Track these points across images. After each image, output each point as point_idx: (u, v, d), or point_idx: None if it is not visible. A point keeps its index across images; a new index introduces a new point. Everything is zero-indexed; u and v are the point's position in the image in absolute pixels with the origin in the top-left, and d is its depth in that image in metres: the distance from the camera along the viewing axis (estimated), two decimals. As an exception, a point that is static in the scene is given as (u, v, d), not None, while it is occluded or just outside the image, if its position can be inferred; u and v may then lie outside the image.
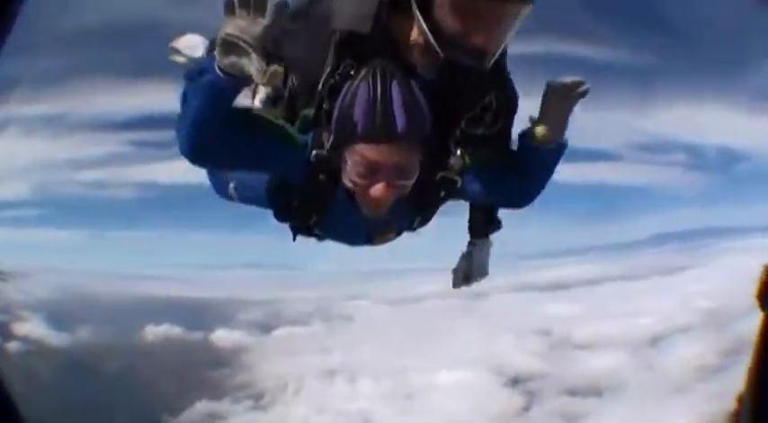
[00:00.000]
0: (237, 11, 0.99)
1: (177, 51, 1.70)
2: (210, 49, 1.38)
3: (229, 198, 1.47)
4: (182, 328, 17.16)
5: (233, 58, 1.01)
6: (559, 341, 16.10)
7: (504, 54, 1.30)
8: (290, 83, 1.32)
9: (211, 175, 1.49)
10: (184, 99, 1.11)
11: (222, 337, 17.68)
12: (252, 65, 1.00)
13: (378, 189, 1.13)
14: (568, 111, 1.24)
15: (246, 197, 1.43)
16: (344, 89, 1.13)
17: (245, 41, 0.99)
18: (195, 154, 1.15)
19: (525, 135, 1.28)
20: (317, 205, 1.28)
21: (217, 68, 1.03)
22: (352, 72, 1.16)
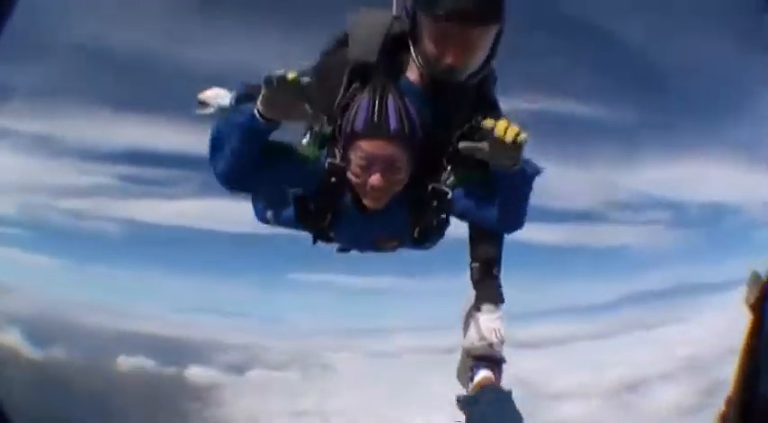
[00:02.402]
0: (277, 85, 1.20)
1: (205, 104, 1.97)
2: (242, 98, 1.70)
3: (267, 222, 1.75)
4: (155, 362, 16.74)
5: (277, 112, 1.24)
6: (533, 392, 15.98)
7: (491, 82, 1.56)
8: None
9: (253, 204, 1.77)
10: (219, 135, 1.34)
11: (195, 373, 17.27)
12: (300, 115, 1.25)
13: (375, 179, 1.35)
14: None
15: (281, 221, 1.68)
16: (352, 104, 1.39)
17: (292, 109, 1.23)
18: (230, 181, 1.41)
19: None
20: (330, 207, 1.49)
21: (257, 114, 1.25)
22: (358, 92, 1.42)
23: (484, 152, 1.32)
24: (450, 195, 1.46)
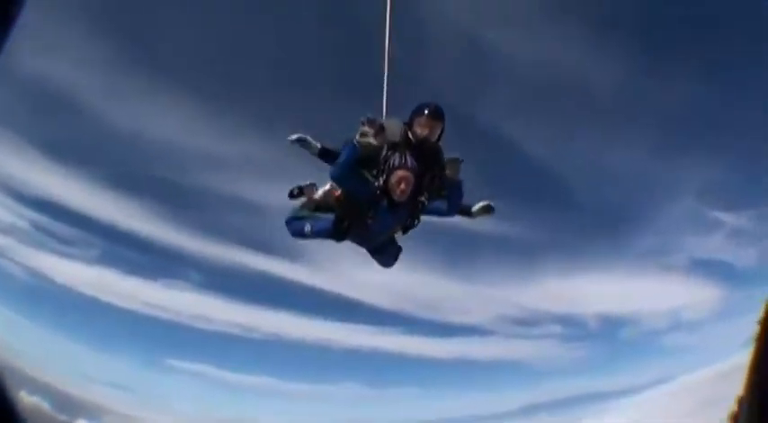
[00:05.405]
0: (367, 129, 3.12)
1: (297, 141, 3.36)
2: (324, 152, 3.39)
3: (303, 236, 3.34)
4: (50, 407, 15.87)
5: (366, 140, 3.07)
6: None
7: (442, 153, 3.27)
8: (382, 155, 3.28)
9: (291, 225, 3.41)
10: (343, 156, 3.10)
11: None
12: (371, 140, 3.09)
13: (401, 184, 3.08)
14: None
15: (317, 231, 3.35)
16: (391, 157, 3.14)
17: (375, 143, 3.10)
18: (339, 174, 3.12)
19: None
20: (374, 205, 3.15)
21: (357, 143, 3.06)
22: (392, 152, 3.17)
23: (449, 175, 3.20)
24: (426, 203, 3.22)
